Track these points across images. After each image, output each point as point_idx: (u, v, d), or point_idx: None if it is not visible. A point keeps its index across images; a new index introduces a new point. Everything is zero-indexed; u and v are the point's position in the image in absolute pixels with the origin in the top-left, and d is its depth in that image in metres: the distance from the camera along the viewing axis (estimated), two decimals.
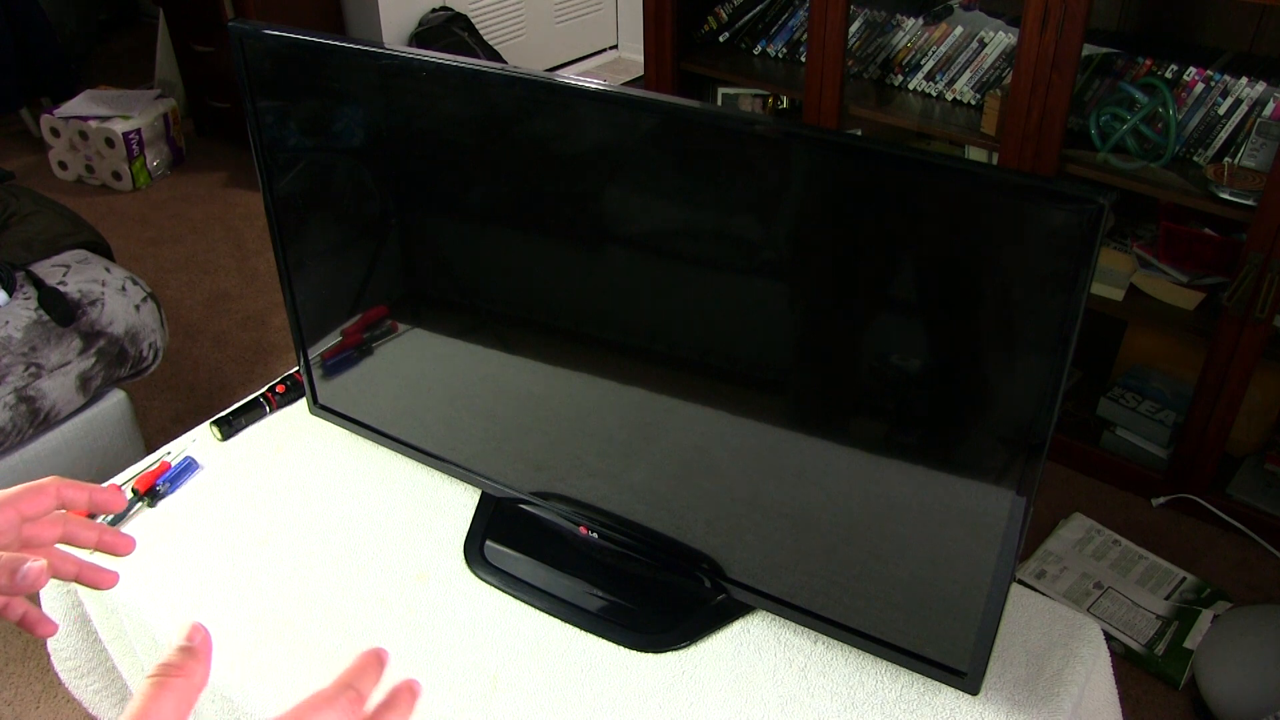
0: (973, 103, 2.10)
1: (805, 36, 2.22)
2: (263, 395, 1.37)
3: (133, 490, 1.23)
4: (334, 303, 1.19)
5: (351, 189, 1.10)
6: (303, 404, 1.37)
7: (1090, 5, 1.69)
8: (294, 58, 1.04)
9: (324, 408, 1.29)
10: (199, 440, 1.33)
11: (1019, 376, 0.79)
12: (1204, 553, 1.92)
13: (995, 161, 1.96)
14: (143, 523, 1.21)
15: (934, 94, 2.14)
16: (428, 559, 1.15)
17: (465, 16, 3.60)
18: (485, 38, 3.65)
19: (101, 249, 1.99)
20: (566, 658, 1.05)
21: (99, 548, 0.71)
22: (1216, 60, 1.89)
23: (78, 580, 0.70)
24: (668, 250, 0.93)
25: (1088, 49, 1.88)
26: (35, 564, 0.61)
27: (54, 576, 0.68)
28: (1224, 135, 1.83)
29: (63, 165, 3.36)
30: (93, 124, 3.21)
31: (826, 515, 0.95)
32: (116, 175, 3.29)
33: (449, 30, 3.51)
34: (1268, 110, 1.79)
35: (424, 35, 3.49)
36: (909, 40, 2.19)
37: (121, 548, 0.72)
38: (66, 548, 0.71)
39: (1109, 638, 1.26)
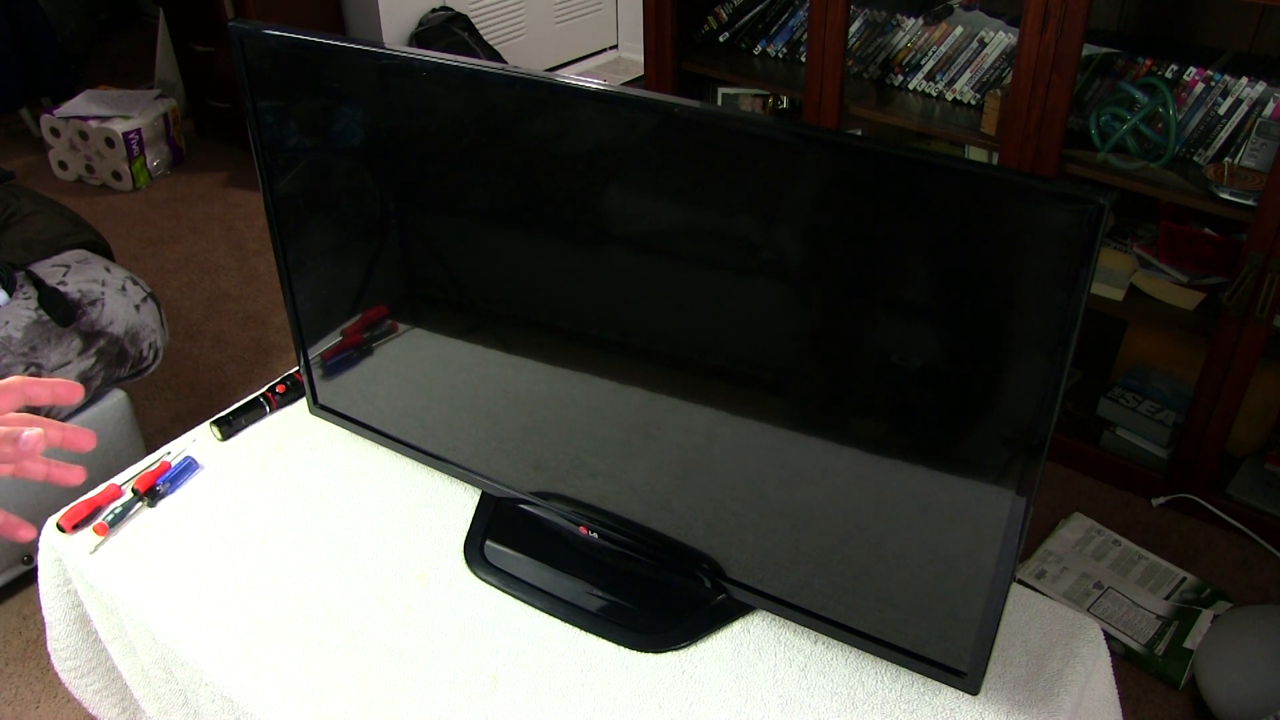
0: (973, 103, 2.10)
1: (805, 36, 2.22)
2: (263, 395, 1.37)
3: (133, 490, 1.23)
4: (334, 303, 1.19)
5: (351, 189, 1.10)
6: (303, 404, 1.37)
7: (1090, 5, 1.69)
8: (294, 58, 1.04)
9: (324, 408, 1.29)
10: (199, 440, 1.33)
11: (1019, 376, 0.79)
12: (1204, 553, 1.92)
13: (995, 161, 1.96)
14: (143, 523, 1.21)
15: (934, 94, 2.14)
16: (428, 559, 1.15)
17: (465, 16, 3.60)
18: (485, 38, 3.65)
19: (101, 249, 1.99)
20: (566, 658, 1.05)
21: (63, 445, 0.77)
22: (1216, 60, 1.89)
23: (48, 479, 0.77)
24: (668, 250, 0.93)
25: (1088, 49, 1.88)
26: (32, 431, 0.72)
27: (24, 476, 0.76)
28: (1224, 135, 1.83)
29: (63, 165, 3.36)
30: (93, 124, 3.21)
31: (826, 515, 0.95)
32: (116, 175, 3.29)
33: (449, 30, 3.51)
34: (1268, 110, 1.79)
35: (424, 35, 3.49)
36: (909, 40, 2.19)
37: (83, 443, 0.78)
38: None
39: (1109, 638, 1.26)
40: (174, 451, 1.31)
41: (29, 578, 1.84)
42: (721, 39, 2.43)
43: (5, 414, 0.76)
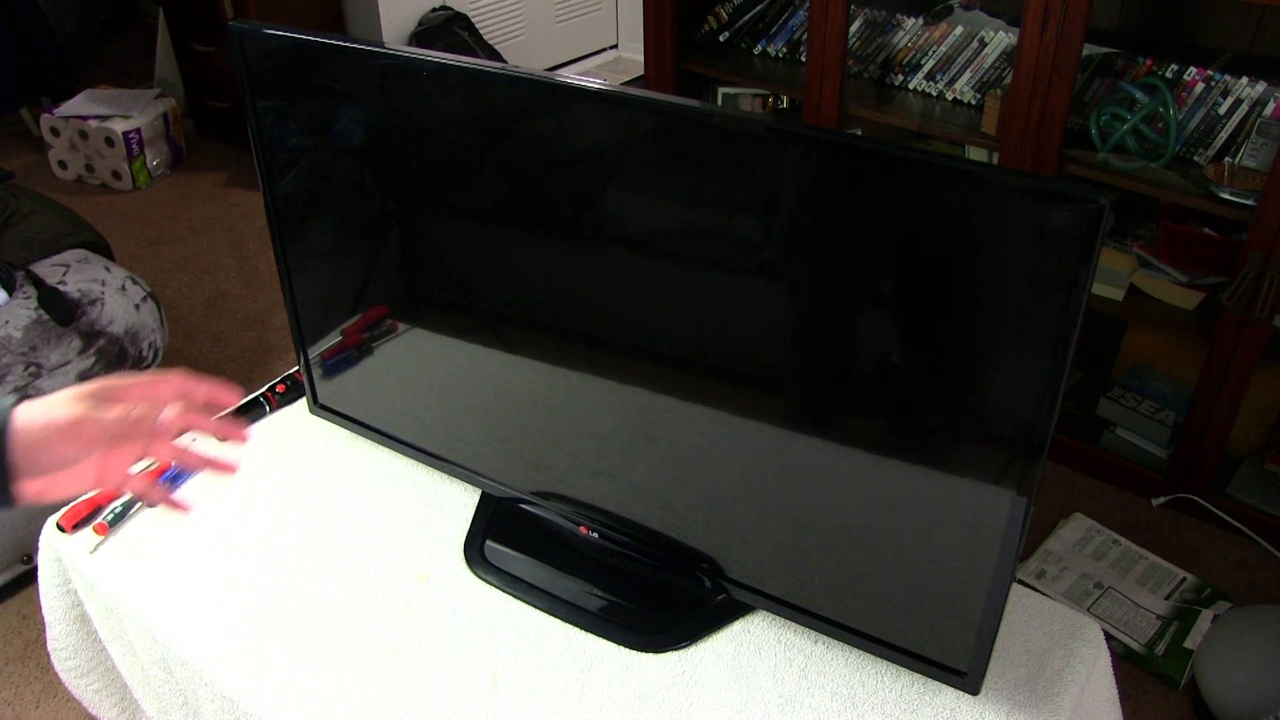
0: (973, 103, 2.10)
1: (805, 36, 2.22)
2: (263, 395, 1.37)
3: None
4: (334, 303, 1.19)
5: (351, 189, 1.10)
6: (303, 404, 1.37)
7: (1090, 5, 1.69)
8: (294, 58, 1.04)
9: (324, 407, 1.29)
10: (199, 440, 1.33)
11: (1019, 376, 0.79)
12: (1204, 553, 1.92)
13: (995, 161, 1.96)
14: (142, 522, 1.21)
15: (934, 94, 2.14)
16: (428, 559, 1.15)
17: (465, 16, 3.60)
18: (485, 38, 3.65)
19: (101, 249, 1.99)
20: (566, 658, 1.05)
21: (218, 435, 0.84)
22: (1216, 60, 1.89)
23: (208, 467, 0.85)
24: (667, 250, 0.93)
25: (1088, 49, 1.88)
26: (170, 411, 0.79)
27: (182, 465, 0.84)
28: (1224, 135, 1.83)
29: (63, 165, 3.36)
30: (93, 124, 3.21)
31: (826, 515, 0.95)
32: (116, 175, 3.29)
33: (449, 30, 3.51)
34: (1268, 110, 1.79)
35: (424, 35, 3.49)
36: (909, 40, 2.19)
37: (238, 436, 0.86)
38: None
39: (1109, 638, 1.26)
40: None
41: (29, 578, 1.84)
42: (721, 39, 2.43)
43: (164, 401, 0.80)
